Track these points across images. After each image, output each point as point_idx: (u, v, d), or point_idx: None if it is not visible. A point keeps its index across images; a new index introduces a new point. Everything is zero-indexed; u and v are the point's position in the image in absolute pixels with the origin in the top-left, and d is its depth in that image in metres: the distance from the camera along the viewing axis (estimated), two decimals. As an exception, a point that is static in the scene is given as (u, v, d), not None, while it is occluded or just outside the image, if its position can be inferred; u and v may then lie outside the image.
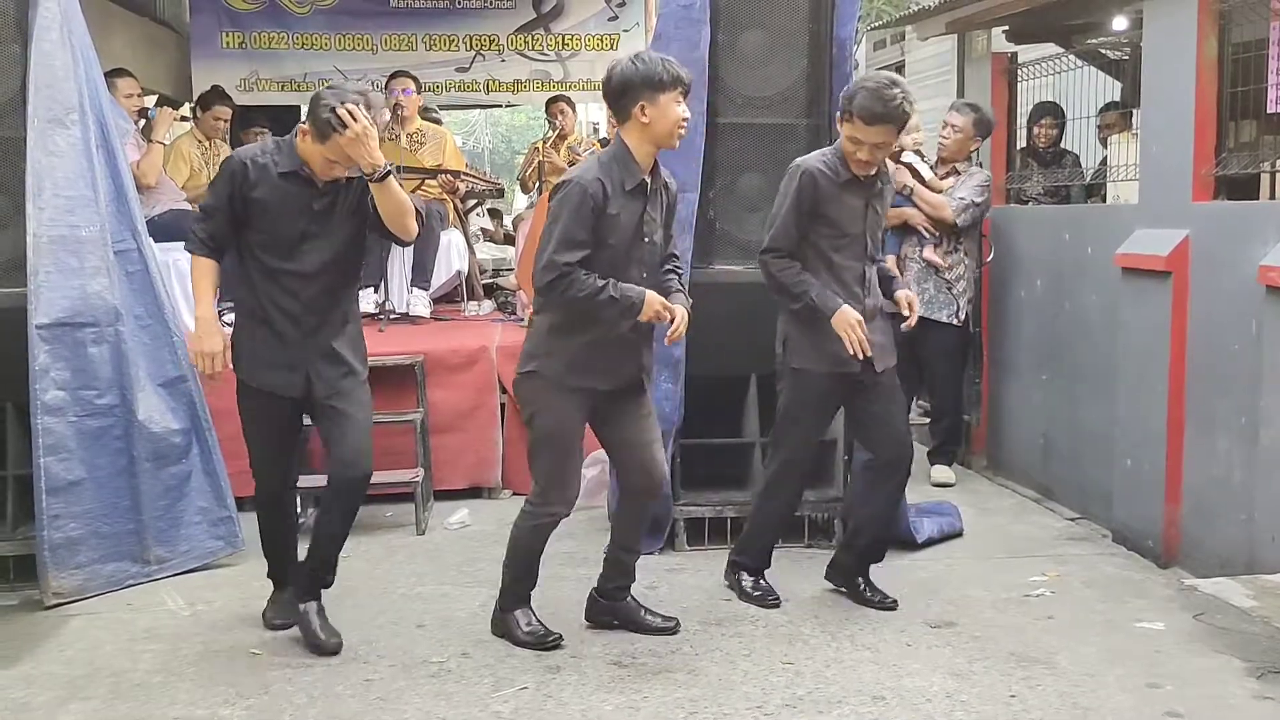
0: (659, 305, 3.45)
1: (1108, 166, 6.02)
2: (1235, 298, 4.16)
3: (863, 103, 3.68)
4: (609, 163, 3.50)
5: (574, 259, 3.41)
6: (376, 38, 9.36)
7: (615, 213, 3.45)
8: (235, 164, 3.56)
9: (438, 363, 5.49)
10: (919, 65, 12.62)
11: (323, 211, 3.57)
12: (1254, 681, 3.45)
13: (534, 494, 3.66)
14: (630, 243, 3.51)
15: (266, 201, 3.52)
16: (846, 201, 3.84)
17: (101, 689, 3.48)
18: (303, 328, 3.60)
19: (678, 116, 3.45)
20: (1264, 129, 4.92)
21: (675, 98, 3.44)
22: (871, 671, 3.55)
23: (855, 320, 3.74)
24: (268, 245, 3.57)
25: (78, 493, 4.18)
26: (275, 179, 3.51)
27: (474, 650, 3.72)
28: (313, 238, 3.56)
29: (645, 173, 3.51)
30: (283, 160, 3.52)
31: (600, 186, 3.43)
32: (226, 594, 4.26)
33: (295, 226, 3.54)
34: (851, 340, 3.73)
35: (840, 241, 3.86)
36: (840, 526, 4.67)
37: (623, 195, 3.46)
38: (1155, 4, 4.66)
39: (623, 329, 3.51)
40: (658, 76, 3.41)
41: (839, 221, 3.85)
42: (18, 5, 4.25)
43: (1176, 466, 4.48)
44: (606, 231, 3.46)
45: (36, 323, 4.12)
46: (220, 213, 3.57)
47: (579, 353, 3.53)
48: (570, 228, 3.43)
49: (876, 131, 3.70)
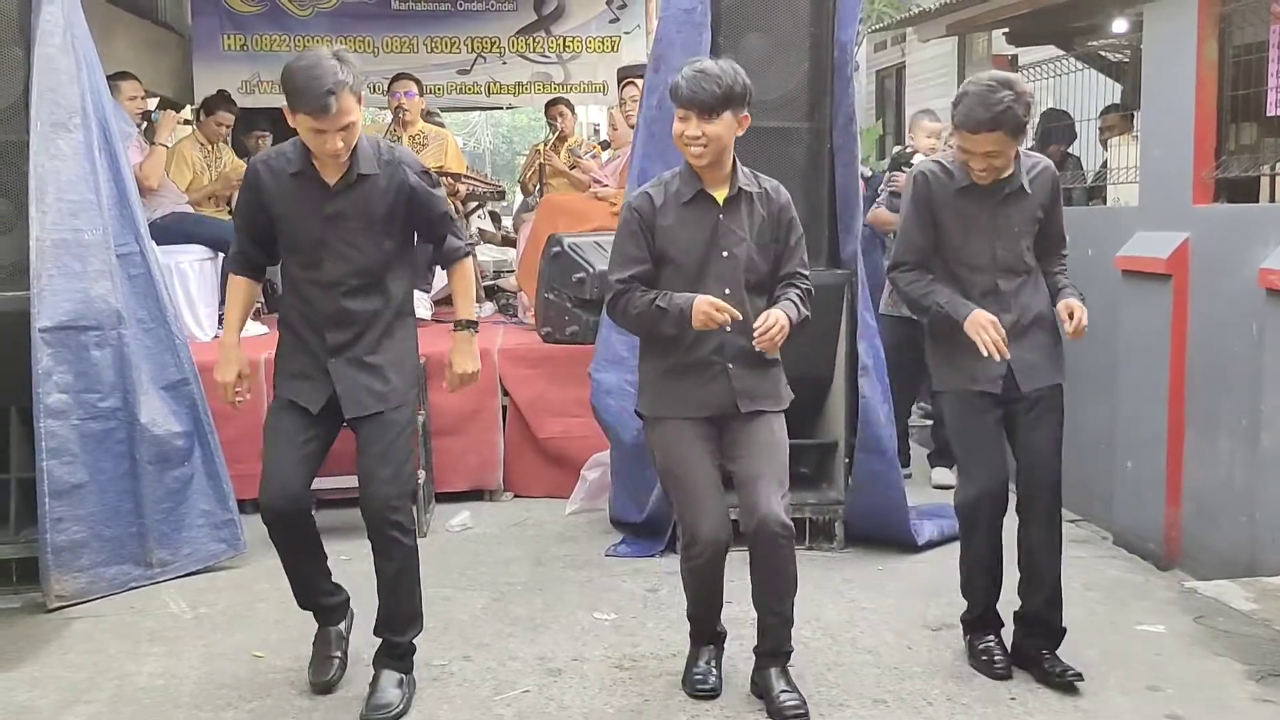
0: (708, 308, 3.13)
1: (1108, 169, 6.03)
2: (1236, 300, 4.17)
3: (966, 109, 3.31)
4: (672, 177, 3.35)
5: (625, 275, 3.27)
6: (378, 40, 9.40)
7: (669, 224, 3.27)
8: (251, 170, 3.41)
9: (440, 365, 5.44)
10: (920, 67, 12.66)
11: (336, 217, 3.30)
12: (1254, 685, 3.45)
13: (680, 535, 3.41)
14: (703, 258, 3.26)
15: (283, 204, 3.33)
16: (964, 208, 3.48)
17: (105, 692, 3.49)
18: (328, 341, 3.33)
19: (679, 131, 3.26)
20: (1264, 132, 4.93)
21: (680, 114, 3.23)
22: (873, 674, 3.56)
23: (989, 321, 3.35)
24: (290, 251, 3.39)
25: (80, 496, 4.18)
26: (288, 180, 3.31)
27: (475, 653, 3.73)
28: (330, 246, 3.30)
29: (710, 184, 3.28)
30: (294, 160, 3.32)
31: (646, 199, 3.30)
32: (229, 596, 4.27)
33: (311, 232, 3.31)
34: (985, 341, 3.33)
35: (962, 253, 3.50)
36: (842, 530, 4.69)
37: (678, 207, 3.27)
38: (1156, 7, 4.67)
39: (695, 344, 3.26)
40: (673, 90, 3.26)
41: (958, 230, 3.50)
42: (20, 9, 4.26)
43: (1177, 469, 4.49)
44: (665, 244, 3.27)
45: (39, 326, 4.13)
46: (247, 224, 3.43)
47: (661, 382, 3.33)
48: (620, 245, 3.33)
49: (984, 140, 3.31)
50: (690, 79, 3.19)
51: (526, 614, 4.07)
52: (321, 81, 3.11)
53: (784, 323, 3.18)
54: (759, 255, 3.32)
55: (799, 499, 4.73)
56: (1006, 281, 3.49)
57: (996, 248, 3.48)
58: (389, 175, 3.33)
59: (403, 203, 3.36)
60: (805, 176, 4.65)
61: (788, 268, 3.37)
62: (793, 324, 3.22)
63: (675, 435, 3.31)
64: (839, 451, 4.76)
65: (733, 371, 3.29)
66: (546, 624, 3.97)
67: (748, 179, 3.34)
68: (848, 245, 4.65)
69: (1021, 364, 3.46)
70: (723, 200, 3.29)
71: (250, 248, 3.46)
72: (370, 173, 3.31)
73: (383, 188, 3.33)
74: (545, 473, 5.56)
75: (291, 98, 3.16)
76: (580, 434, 5.36)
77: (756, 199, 3.33)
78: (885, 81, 14.69)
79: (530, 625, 3.97)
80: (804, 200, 4.65)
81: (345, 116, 3.16)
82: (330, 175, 3.30)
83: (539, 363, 5.59)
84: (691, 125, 3.20)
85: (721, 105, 3.17)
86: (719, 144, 3.22)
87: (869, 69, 14.44)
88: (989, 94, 3.27)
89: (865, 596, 4.20)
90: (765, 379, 3.34)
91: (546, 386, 5.54)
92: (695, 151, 3.23)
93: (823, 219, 4.68)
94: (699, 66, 3.23)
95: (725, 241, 3.28)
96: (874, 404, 4.59)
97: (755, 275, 3.32)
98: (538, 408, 5.54)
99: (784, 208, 3.37)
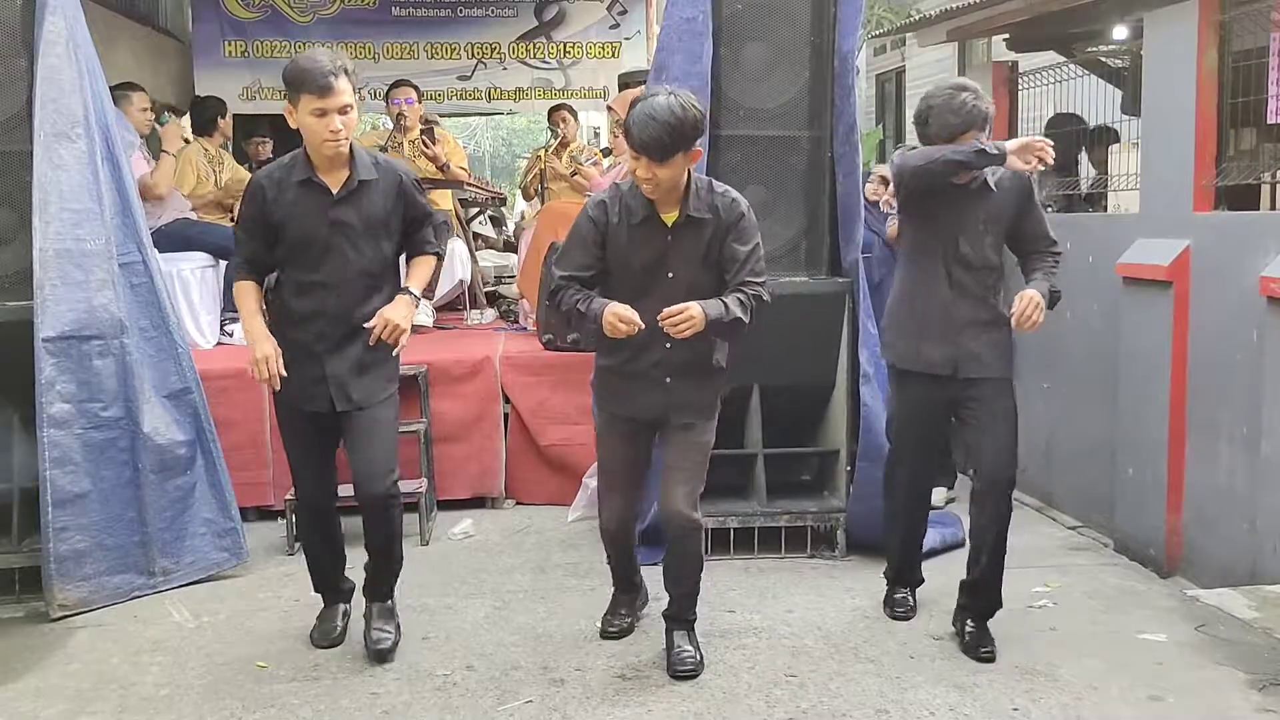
0: (612, 318, 3.32)
1: (1108, 176, 6.03)
2: (1236, 308, 4.17)
3: (939, 121, 3.64)
4: (627, 191, 3.48)
5: (566, 273, 3.49)
6: (378, 46, 9.41)
7: (621, 240, 3.46)
8: (255, 184, 3.62)
9: (441, 372, 5.50)
10: (920, 71, 12.66)
11: (341, 221, 3.57)
12: (1256, 694, 3.46)
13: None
14: (649, 277, 3.46)
15: (288, 212, 3.56)
16: (948, 201, 3.71)
17: (109, 702, 3.50)
18: (328, 340, 3.60)
19: (633, 168, 3.38)
20: (1264, 139, 4.93)
21: (633, 154, 3.35)
22: (875, 684, 3.56)
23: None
24: (293, 257, 3.60)
25: (83, 505, 4.19)
26: (294, 187, 3.57)
27: (478, 663, 3.74)
28: (334, 248, 3.57)
29: (661, 209, 3.44)
30: (298, 169, 3.58)
31: (602, 209, 3.49)
32: (232, 605, 4.28)
33: (316, 235, 3.56)
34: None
35: (925, 244, 3.78)
36: (844, 538, 4.70)
37: (629, 227, 3.45)
38: (1156, 14, 4.68)
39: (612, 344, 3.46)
40: (625, 131, 3.36)
41: (923, 222, 3.79)
42: (24, 19, 4.27)
43: (1178, 476, 4.49)
44: (615, 258, 3.48)
45: (43, 336, 4.14)
46: (251, 235, 3.62)
47: (608, 380, 3.63)
48: (570, 246, 3.56)
49: (967, 140, 3.62)
50: (640, 124, 3.29)
51: (529, 623, 4.08)
52: (322, 65, 3.45)
53: (694, 314, 3.30)
54: (705, 276, 3.48)
55: (801, 507, 4.76)
56: (965, 275, 3.72)
57: (960, 242, 3.71)
58: (385, 178, 3.64)
59: (398, 201, 3.66)
60: (806, 185, 4.66)
61: (738, 278, 3.46)
62: (712, 320, 3.34)
63: (609, 428, 3.69)
64: (841, 459, 4.77)
65: (670, 385, 3.54)
66: (549, 633, 3.98)
67: (699, 203, 3.45)
68: (849, 254, 4.65)
69: (966, 354, 3.71)
70: (671, 224, 3.45)
71: (260, 254, 3.65)
72: (369, 178, 3.61)
73: (381, 190, 3.63)
74: (547, 480, 5.56)
75: (294, 83, 3.47)
76: (582, 441, 5.35)
77: (706, 224, 3.45)
78: (885, 85, 14.70)
79: (533, 634, 3.97)
80: (805, 209, 4.69)
81: (345, 96, 3.47)
82: (334, 183, 3.58)
83: (541, 370, 5.60)
84: (643, 167, 3.34)
85: (671, 150, 3.29)
86: (670, 183, 3.38)
87: (869, 73, 14.45)
88: (953, 100, 3.61)
89: (867, 605, 4.20)
90: (701, 391, 3.59)
91: (548, 394, 5.55)
92: (647, 189, 3.40)
93: (823, 228, 4.68)
94: (649, 109, 3.29)
95: (671, 264, 3.46)
96: (875, 412, 4.59)
97: (698, 296, 3.41)
98: (539, 415, 5.54)
99: (734, 224, 3.47)
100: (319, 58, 3.48)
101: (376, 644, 3.74)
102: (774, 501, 4.74)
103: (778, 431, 4.80)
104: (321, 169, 3.57)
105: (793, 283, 4.62)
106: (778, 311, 3.90)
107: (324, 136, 3.47)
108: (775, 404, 4.78)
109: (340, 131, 3.48)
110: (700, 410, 3.59)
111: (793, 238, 4.68)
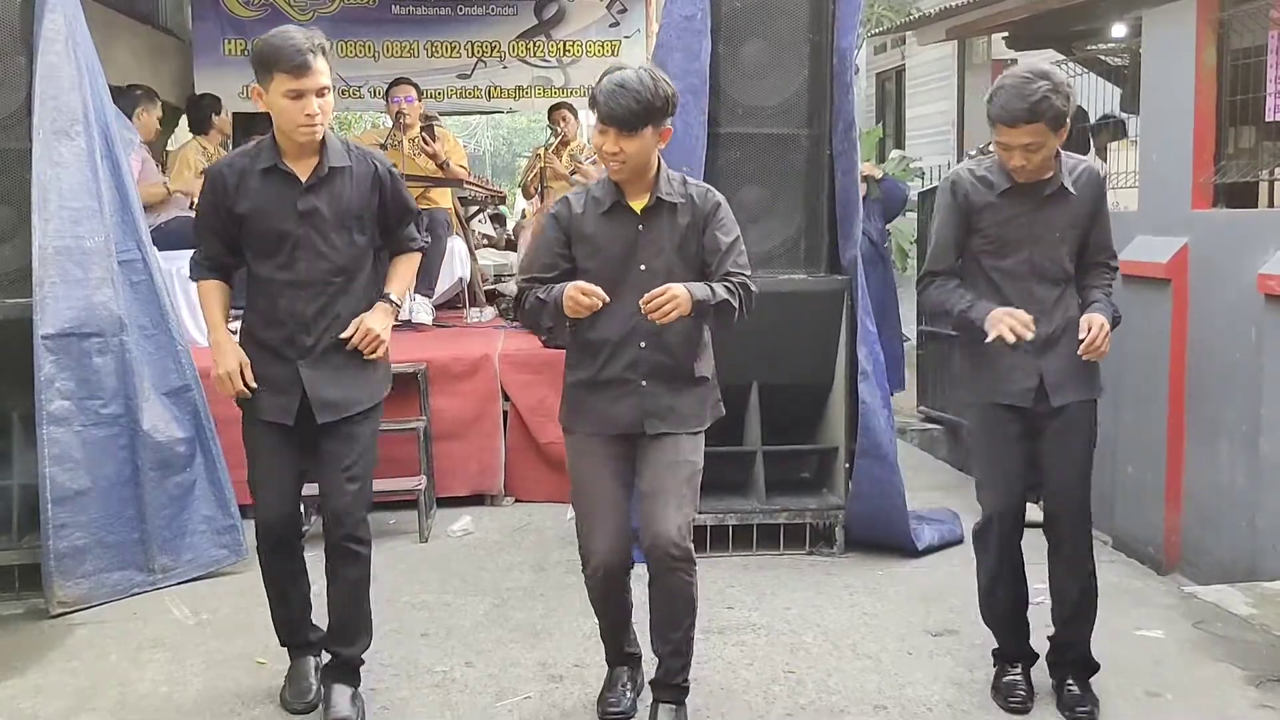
0: (574, 292, 3.00)
1: (1106, 174, 6.04)
2: (1235, 305, 4.18)
3: (1002, 102, 3.17)
4: (598, 184, 3.26)
5: (528, 277, 3.25)
6: (378, 44, 9.41)
7: (590, 233, 3.16)
8: (213, 172, 3.31)
9: (441, 370, 5.51)
10: (920, 69, 12.66)
11: (310, 213, 3.22)
12: (1254, 690, 3.46)
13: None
14: (621, 270, 3.13)
15: (252, 203, 3.23)
16: (1002, 213, 3.34)
17: (108, 699, 3.51)
18: (297, 346, 3.26)
19: (598, 145, 3.11)
20: (1263, 136, 4.93)
21: (599, 128, 3.07)
22: (873, 680, 3.57)
23: (1005, 312, 3.19)
24: (260, 251, 3.27)
25: (83, 502, 4.20)
26: (258, 177, 3.23)
27: (477, 660, 3.74)
28: (305, 243, 3.22)
29: (629, 195, 3.15)
30: (263, 157, 3.23)
31: (565, 204, 3.22)
32: (231, 602, 4.28)
33: (284, 228, 3.22)
34: (1005, 329, 3.16)
35: (1002, 262, 3.35)
36: (842, 535, 4.70)
37: (597, 217, 3.16)
38: (1155, 12, 4.68)
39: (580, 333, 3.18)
40: (591, 102, 3.11)
41: (997, 234, 3.35)
42: (23, 17, 4.28)
43: (1177, 474, 4.50)
44: (584, 254, 3.17)
45: (42, 333, 4.14)
46: (210, 228, 3.31)
47: (576, 395, 3.23)
48: (534, 250, 3.36)
49: (1022, 132, 3.16)
50: (608, 94, 3.02)
51: (528, 620, 4.08)
52: (297, 42, 3.10)
53: (677, 293, 2.97)
54: (681, 268, 3.15)
55: (799, 504, 4.77)
56: (1044, 290, 3.34)
57: (1034, 254, 3.33)
58: (359, 166, 3.30)
59: (374, 192, 3.32)
60: (805, 183, 4.67)
61: (722, 268, 3.15)
62: (698, 301, 3.01)
63: (582, 450, 3.22)
64: (839, 457, 4.78)
65: (645, 389, 3.16)
66: (548, 630, 3.98)
67: (670, 188, 3.17)
68: (847, 252, 4.66)
69: (1052, 376, 3.32)
70: (641, 210, 3.15)
71: (219, 252, 3.34)
72: (341, 165, 3.26)
73: (355, 178, 3.28)
74: (546, 478, 5.56)
75: (266, 61, 3.11)
76: (581, 439, 5.35)
77: (679, 209, 3.16)
78: (885, 84, 14.68)
79: (532, 631, 3.98)
80: (803, 206, 4.69)
81: (322, 77, 3.13)
82: (303, 171, 3.24)
83: (540, 368, 5.60)
84: (610, 141, 3.05)
85: (640, 122, 3.02)
86: (639, 159, 3.08)
87: (868, 71, 14.43)
88: (1025, 85, 3.14)
89: (866, 602, 4.22)
90: (683, 398, 3.20)
91: (547, 392, 5.54)
92: (614, 167, 3.10)
93: (822, 225, 4.69)
94: (619, 79, 3.04)
95: (644, 255, 3.15)
96: (874, 409, 4.60)
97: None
98: (539, 413, 5.55)
99: (710, 214, 3.18)
100: (293, 34, 3.13)
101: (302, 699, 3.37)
102: (773, 499, 4.75)
103: (776, 428, 4.81)
104: (290, 156, 3.22)
105: (791, 280, 4.63)
106: (777, 309, 3.90)
107: (299, 121, 3.13)
108: (774, 401, 4.79)
109: (317, 116, 3.14)
110: (681, 419, 3.18)
111: (791, 235, 4.69)
